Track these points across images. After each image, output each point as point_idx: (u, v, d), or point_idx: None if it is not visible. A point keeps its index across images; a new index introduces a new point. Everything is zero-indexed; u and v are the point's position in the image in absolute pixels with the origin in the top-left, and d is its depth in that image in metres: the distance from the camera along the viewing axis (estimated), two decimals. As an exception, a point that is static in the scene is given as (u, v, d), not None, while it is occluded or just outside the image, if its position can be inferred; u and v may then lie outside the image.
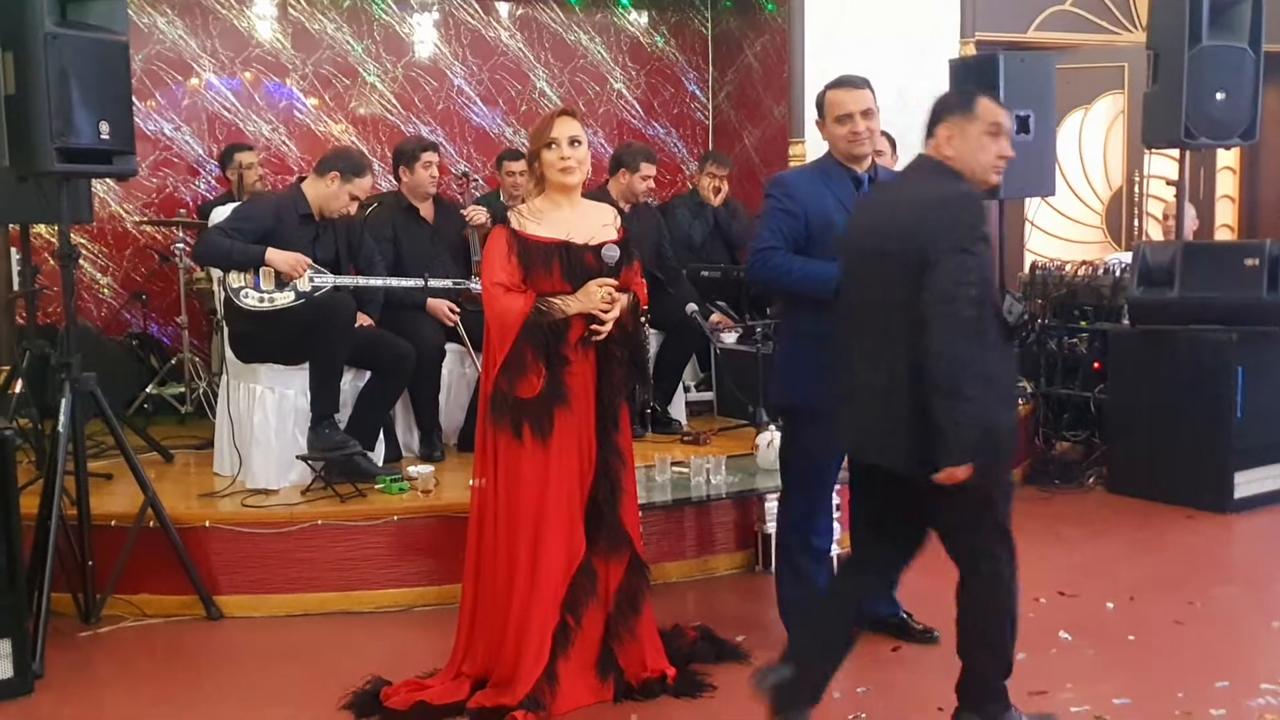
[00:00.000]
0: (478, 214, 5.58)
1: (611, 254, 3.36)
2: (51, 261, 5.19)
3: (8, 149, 3.94)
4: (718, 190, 6.58)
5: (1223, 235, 8.41)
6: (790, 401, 3.77)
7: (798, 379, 3.71)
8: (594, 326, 3.36)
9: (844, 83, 3.70)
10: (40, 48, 3.83)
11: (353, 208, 4.87)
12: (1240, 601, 4.31)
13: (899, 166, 5.14)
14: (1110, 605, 4.23)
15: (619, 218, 3.54)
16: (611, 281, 3.35)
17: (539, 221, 3.38)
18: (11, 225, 5.59)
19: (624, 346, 3.45)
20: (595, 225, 3.44)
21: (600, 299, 3.33)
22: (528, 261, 3.33)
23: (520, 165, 6.12)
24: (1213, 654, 3.78)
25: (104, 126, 4.00)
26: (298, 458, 4.67)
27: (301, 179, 5.05)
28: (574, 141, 3.39)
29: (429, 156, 5.48)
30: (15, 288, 5.76)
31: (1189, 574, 4.61)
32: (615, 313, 3.36)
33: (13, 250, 5.79)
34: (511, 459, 3.35)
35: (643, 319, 5.38)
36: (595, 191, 4.12)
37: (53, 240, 5.43)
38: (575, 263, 3.36)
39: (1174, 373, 5.57)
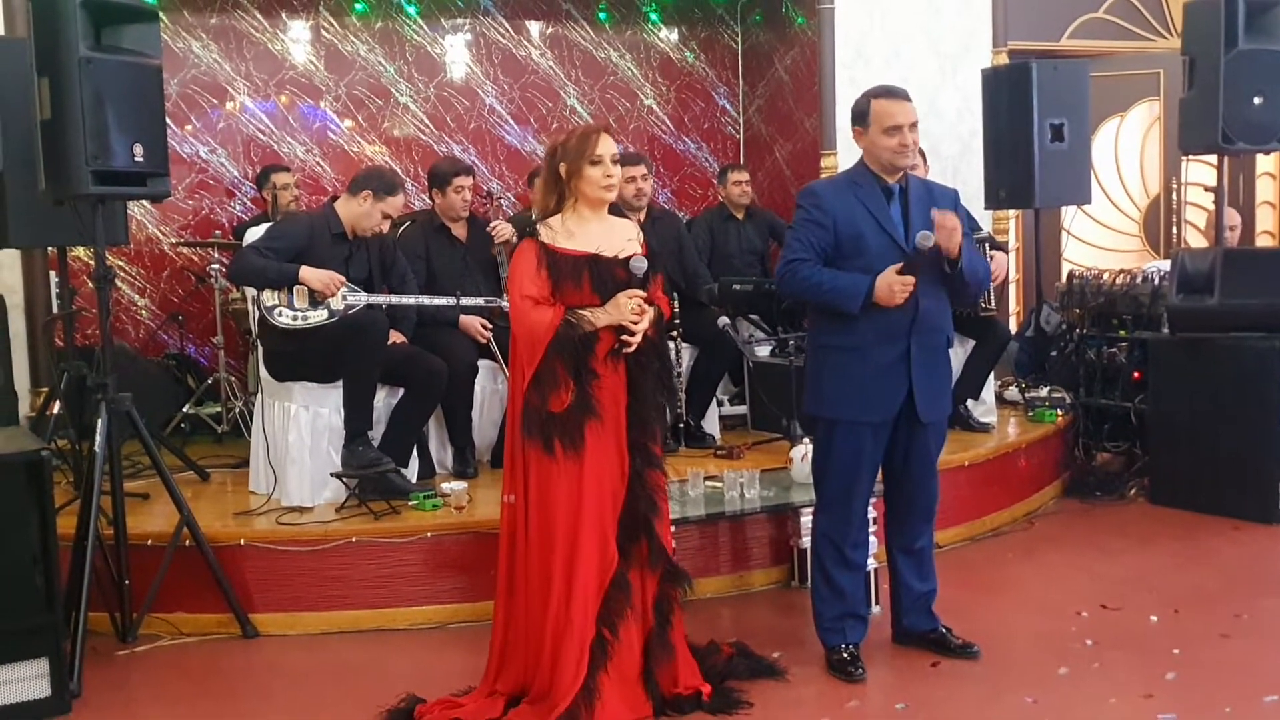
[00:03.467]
0: (502, 230, 5.56)
1: (640, 265, 3.35)
2: (89, 283, 5.24)
3: (44, 173, 4.01)
4: (745, 194, 6.71)
5: (1263, 241, 8.30)
6: (820, 413, 3.74)
7: (827, 390, 3.69)
8: (624, 338, 3.35)
9: (893, 94, 3.65)
10: (75, 72, 3.87)
11: (385, 226, 4.90)
12: (1288, 614, 4.23)
13: (932, 176, 5.12)
14: (1154, 618, 4.16)
15: (640, 233, 3.53)
16: (640, 293, 3.34)
17: (569, 236, 3.38)
18: (49, 248, 5.66)
19: (652, 358, 3.44)
20: (621, 240, 3.44)
21: (630, 310, 3.32)
22: (557, 275, 3.33)
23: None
24: (1260, 667, 3.70)
25: (138, 149, 4.03)
26: (332, 475, 4.68)
27: (334, 198, 5.08)
28: (615, 159, 3.40)
29: (461, 181, 5.49)
30: (54, 310, 5.82)
31: (1234, 586, 4.52)
32: (644, 324, 3.35)
33: (51, 273, 5.86)
34: (543, 474, 3.33)
35: (674, 332, 5.43)
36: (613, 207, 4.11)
37: (90, 263, 5.49)
38: (605, 275, 3.35)
39: (1216, 381, 5.49)
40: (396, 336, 4.95)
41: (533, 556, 3.38)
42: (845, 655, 3.76)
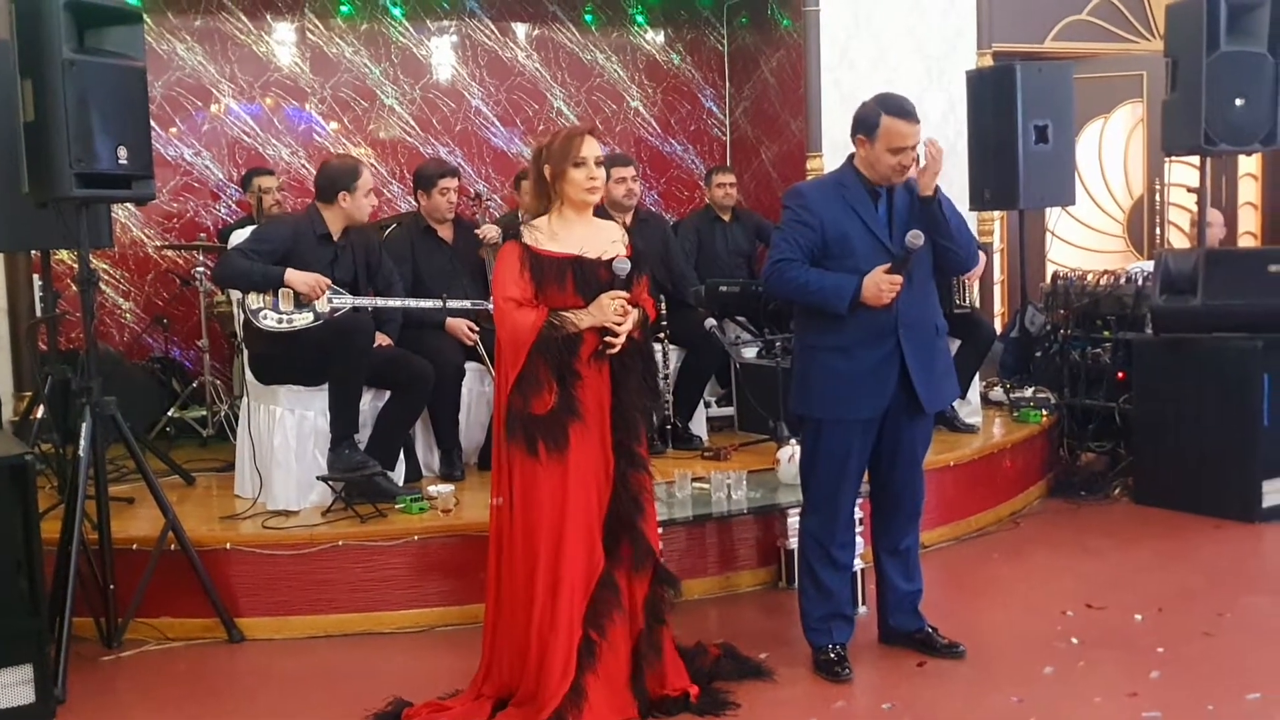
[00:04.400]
0: (490, 231, 5.58)
1: (623, 267, 3.35)
2: (73, 287, 5.22)
3: (27, 175, 3.99)
4: (729, 196, 6.74)
5: (1246, 242, 8.35)
6: (808, 412, 3.75)
7: (815, 389, 3.70)
8: (607, 339, 3.35)
9: (906, 114, 3.57)
10: (59, 75, 3.85)
11: (373, 199, 4.92)
12: (1270, 612, 4.25)
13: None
14: (1138, 617, 4.18)
15: (626, 234, 3.54)
16: (624, 294, 3.34)
17: (553, 238, 3.38)
18: (33, 252, 5.63)
19: (636, 359, 3.44)
20: (606, 241, 3.44)
21: (613, 311, 3.32)
22: (540, 276, 3.32)
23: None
24: (1243, 665, 3.73)
25: (122, 152, 4.02)
26: (318, 479, 4.67)
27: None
28: (599, 161, 3.40)
29: (446, 182, 5.49)
30: (37, 314, 5.79)
31: (1217, 585, 4.55)
32: (628, 325, 3.35)
33: (35, 277, 5.84)
34: (528, 475, 3.33)
35: (660, 335, 5.43)
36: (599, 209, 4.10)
37: (74, 266, 5.46)
38: (588, 277, 3.35)
39: (1199, 381, 5.52)
40: (382, 338, 4.94)
41: (518, 559, 3.38)
42: (832, 655, 3.76)
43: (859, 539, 4.06)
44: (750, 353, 6.16)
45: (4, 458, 3.59)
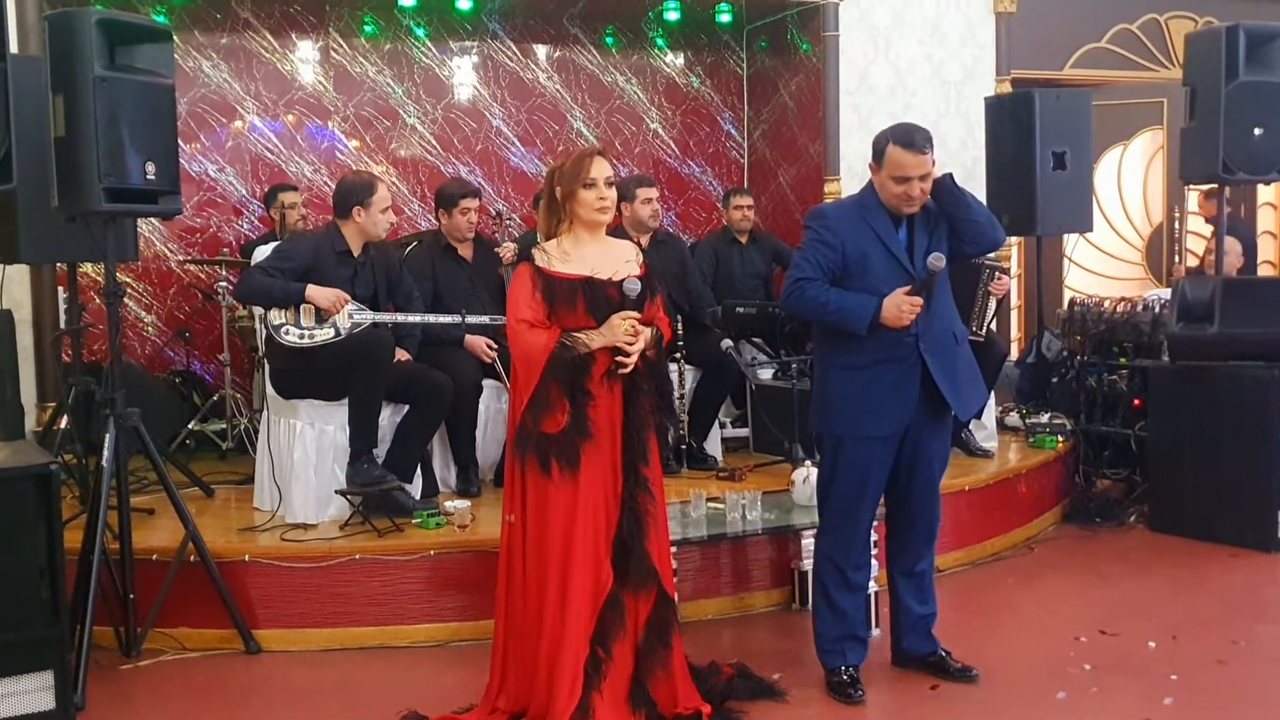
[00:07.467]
0: (509, 251, 5.63)
1: (633, 287, 3.38)
2: (98, 300, 5.27)
3: (57, 189, 4.05)
4: (746, 219, 6.77)
5: (1264, 271, 8.34)
6: (827, 429, 3.77)
7: (834, 407, 3.72)
8: (619, 359, 3.37)
9: (910, 144, 3.59)
10: (89, 91, 3.92)
11: (390, 216, 4.93)
12: (1286, 641, 4.25)
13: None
14: (1153, 644, 4.17)
15: (640, 254, 3.57)
16: (635, 314, 3.36)
17: (565, 259, 3.41)
18: (59, 264, 5.70)
19: (649, 380, 3.47)
20: (619, 261, 3.47)
21: (624, 332, 3.34)
22: (552, 298, 3.35)
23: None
24: (1257, 694, 3.72)
25: (150, 167, 4.08)
26: (336, 492, 4.70)
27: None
28: (609, 182, 3.43)
29: (467, 203, 5.54)
30: (61, 325, 5.86)
31: (1232, 613, 4.54)
32: (640, 345, 3.38)
33: (60, 289, 5.90)
34: (539, 494, 3.36)
35: (677, 355, 5.46)
36: (616, 229, 4.13)
37: (99, 279, 5.51)
38: (599, 297, 3.38)
39: (1215, 409, 5.52)
40: (402, 354, 4.98)
41: (530, 576, 3.40)
42: (845, 677, 3.77)
43: (873, 561, 4.07)
44: (766, 374, 6.18)
45: (29, 467, 3.62)
